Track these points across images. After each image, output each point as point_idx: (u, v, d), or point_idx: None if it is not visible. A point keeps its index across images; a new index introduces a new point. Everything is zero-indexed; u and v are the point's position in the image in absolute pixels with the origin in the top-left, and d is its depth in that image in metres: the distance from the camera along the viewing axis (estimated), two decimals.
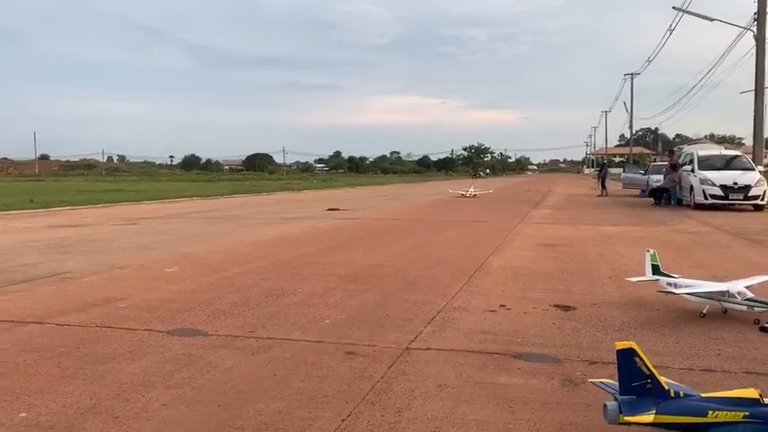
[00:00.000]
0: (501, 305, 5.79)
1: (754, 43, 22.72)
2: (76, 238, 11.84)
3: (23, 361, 4.15)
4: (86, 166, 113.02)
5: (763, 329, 4.86)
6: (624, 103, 72.10)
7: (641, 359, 2.73)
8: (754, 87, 22.95)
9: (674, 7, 28.40)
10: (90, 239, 11.54)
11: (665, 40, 58.11)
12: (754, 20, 22.54)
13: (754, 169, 19.98)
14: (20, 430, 3.06)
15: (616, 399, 2.77)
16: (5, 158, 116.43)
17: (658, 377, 2.75)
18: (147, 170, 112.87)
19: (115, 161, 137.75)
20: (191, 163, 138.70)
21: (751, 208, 18.98)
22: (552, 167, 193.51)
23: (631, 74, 68.35)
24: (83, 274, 7.59)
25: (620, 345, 2.77)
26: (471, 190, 28.46)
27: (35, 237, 12.03)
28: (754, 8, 22.45)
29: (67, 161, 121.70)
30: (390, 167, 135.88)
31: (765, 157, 26.92)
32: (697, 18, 26.35)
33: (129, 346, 4.50)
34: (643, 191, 28.10)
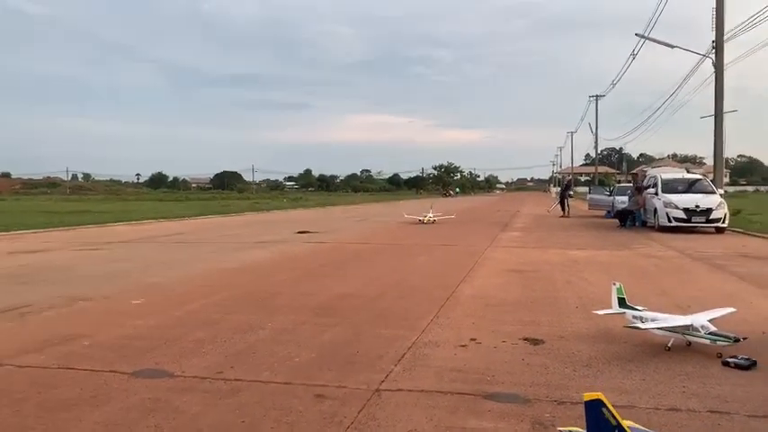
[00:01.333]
0: (471, 339, 5.81)
1: (713, 70, 23.43)
2: (38, 265, 11.56)
3: None
4: (50, 185, 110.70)
5: (725, 364, 4.96)
6: (589, 124, 73.58)
7: (609, 410, 2.75)
8: (714, 112, 23.62)
9: (636, 34, 29.23)
10: (52, 267, 11.28)
11: (628, 64, 59.71)
12: (713, 48, 23.28)
13: (715, 192, 20.52)
14: None
15: None
16: None
17: (625, 427, 2.78)
18: (113, 189, 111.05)
19: (80, 179, 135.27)
20: (158, 181, 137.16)
21: (713, 230, 19.44)
22: (520, 186, 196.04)
23: (596, 96, 69.89)
24: (43, 308, 7.39)
25: (588, 396, 2.80)
26: (430, 215, 24.22)
27: None
28: (713, 36, 23.19)
29: (30, 179, 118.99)
30: (361, 186, 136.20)
31: (725, 176, 27.67)
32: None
33: (92, 390, 4.38)
34: (608, 212, 28.61)
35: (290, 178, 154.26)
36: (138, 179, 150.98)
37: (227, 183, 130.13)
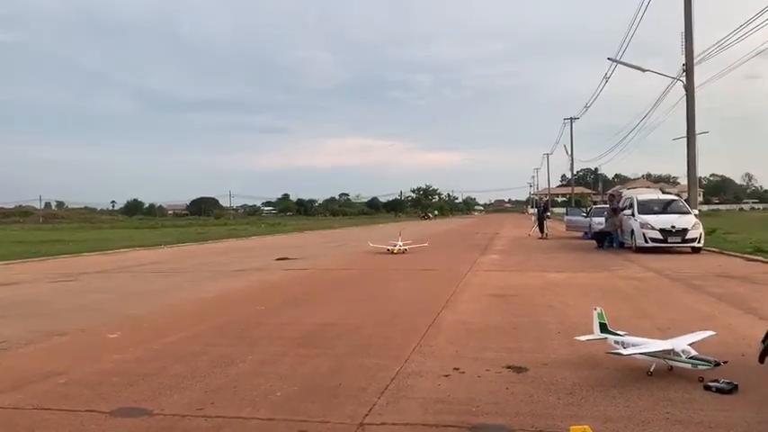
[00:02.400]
0: (455, 368, 5.78)
1: (684, 93, 23.96)
2: (11, 298, 11.31)
3: None
4: (22, 213, 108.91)
5: (707, 388, 4.99)
6: (564, 146, 74.71)
7: None
8: (686, 134, 24.11)
9: (608, 58, 29.85)
10: (26, 300, 11.04)
11: (601, 87, 60.83)
12: (683, 71, 23.84)
13: (689, 212, 20.86)
14: None
15: None
16: None
17: None
18: (88, 217, 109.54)
19: (53, 207, 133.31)
20: (133, 208, 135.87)
21: (689, 250, 19.72)
22: (498, 207, 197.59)
23: (571, 118, 71.03)
24: (18, 344, 7.22)
25: (575, 429, 2.79)
26: (399, 244, 21.37)
27: None
28: (683, 60, 23.76)
29: (1, 208, 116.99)
30: (339, 209, 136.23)
31: (699, 195, 28.13)
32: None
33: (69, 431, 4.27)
34: (586, 233, 28.91)
35: (267, 203, 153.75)
36: (113, 206, 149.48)
37: (203, 209, 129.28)
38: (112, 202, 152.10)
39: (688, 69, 23.55)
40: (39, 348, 7.04)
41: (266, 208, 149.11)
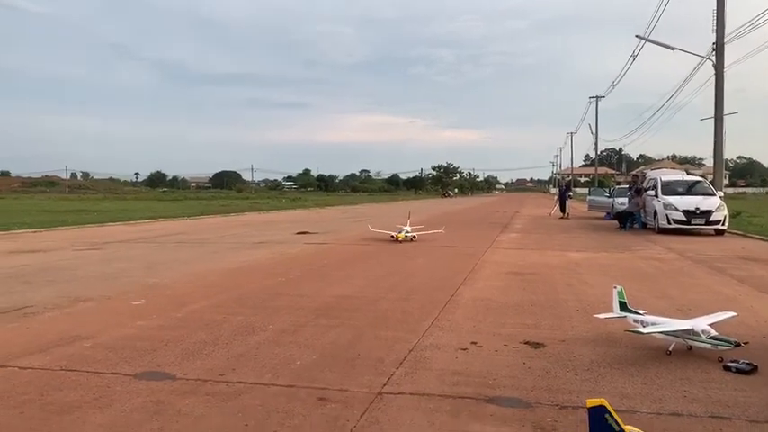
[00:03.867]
0: (472, 342, 5.82)
1: (714, 72, 23.45)
2: (39, 265, 11.56)
3: None
4: (49, 183, 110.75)
5: (726, 368, 4.97)
6: (589, 125, 73.77)
7: (612, 416, 2.76)
8: (714, 114, 23.65)
9: (636, 35, 29.24)
10: (53, 267, 11.28)
11: (628, 65, 59.68)
12: (713, 50, 23.30)
13: (714, 195, 20.56)
14: None
15: None
16: None
17: None
18: (112, 188, 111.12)
19: (79, 178, 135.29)
20: (157, 180, 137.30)
21: (712, 232, 19.47)
22: (519, 187, 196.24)
23: (596, 97, 69.99)
24: (46, 308, 7.41)
25: (591, 402, 2.81)
26: (406, 230, 17.18)
27: None
28: (713, 38, 23.22)
29: (29, 178, 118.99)
30: (360, 186, 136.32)
31: (725, 178, 27.70)
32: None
33: (95, 392, 4.39)
34: (608, 213, 28.65)
35: (288, 178, 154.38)
36: (137, 178, 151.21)
37: (226, 182, 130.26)
38: (136, 173, 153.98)
39: (718, 48, 23.02)
40: (65, 313, 7.21)
41: (287, 183, 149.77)
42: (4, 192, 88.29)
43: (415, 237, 17.03)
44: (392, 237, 16.89)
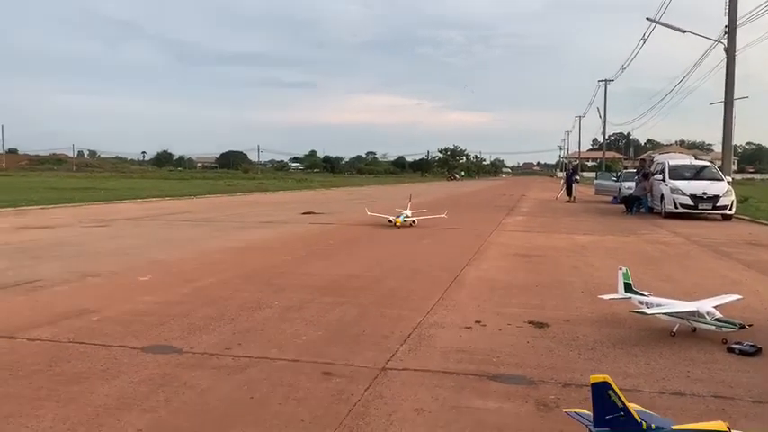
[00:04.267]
0: (476, 321, 5.85)
1: (725, 56, 23.20)
2: (47, 241, 11.64)
3: None
4: (56, 161, 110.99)
5: (730, 350, 4.98)
6: (597, 108, 73.27)
7: (615, 392, 2.78)
8: (723, 99, 23.44)
9: (647, 18, 28.91)
10: (61, 243, 11.35)
11: (638, 48, 59.08)
12: (725, 33, 23.03)
13: (722, 180, 20.45)
14: None
15: (590, 430, 2.83)
16: None
17: (631, 410, 2.81)
18: (119, 166, 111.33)
19: (86, 156, 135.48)
20: (163, 159, 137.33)
21: (719, 217, 19.40)
22: (526, 171, 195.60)
23: (605, 80, 69.39)
24: (54, 283, 7.47)
25: (595, 378, 2.82)
26: (406, 213, 16.00)
27: (4, 239, 11.79)
28: (725, 21, 22.93)
29: (36, 155, 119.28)
30: (366, 168, 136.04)
31: (733, 163, 27.54)
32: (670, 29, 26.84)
33: (102, 364, 4.44)
34: (615, 197, 28.56)
35: (295, 159, 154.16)
36: (143, 157, 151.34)
37: (232, 162, 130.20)
38: (143, 152, 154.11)
39: (730, 31, 22.75)
40: (73, 287, 7.27)
41: (293, 164, 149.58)
42: (12, 169, 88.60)
43: (415, 222, 15.75)
44: (390, 221, 15.47)
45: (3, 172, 76.42)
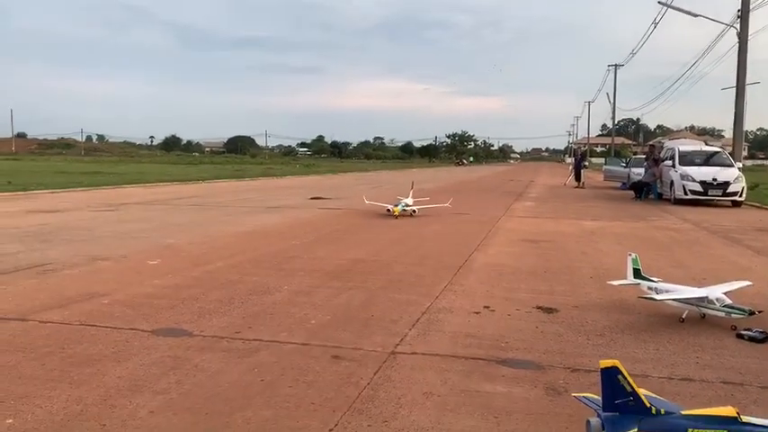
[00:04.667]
0: (485, 306, 5.85)
1: (737, 41, 22.92)
2: (57, 224, 11.71)
3: (7, 362, 4.12)
4: (65, 146, 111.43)
5: (739, 336, 4.97)
6: (607, 94, 72.64)
7: (624, 377, 2.78)
8: (735, 84, 23.19)
9: (659, 2, 28.55)
10: (70, 227, 11.42)
11: (649, 32, 58.48)
12: (738, 17, 22.74)
13: (733, 166, 20.31)
14: None
15: (598, 414, 2.83)
16: None
17: (640, 394, 2.81)
18: (127, 151, 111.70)
19: (94, 141, 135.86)
20: (171, 144, 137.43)
21: (729, 204, 19.28)
22: (535, 156, 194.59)
23: (615, 65, 68.76)
24: (64, 266, 7.52)
25: (604, 363, 2.82)
26: (406, 202, 14.90)
27: (14, 223, 11.87)
28: (739, 5, 22.63)
29: (45, 140, 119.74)
30: (373, 153, 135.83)
31: (744, 149, 27.30)
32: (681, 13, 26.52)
33: (114, 346, 4.48)
34: (624, 183, 28.41)
35: (302, 144, 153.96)
36: (151, 142, 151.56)
37: (240, 147, 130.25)
38: (151, 137, 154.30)
39: (743, 15, 22.45)
40: (83, 271, 7.32)
41: (301, 149, 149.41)
42: (21, 153, 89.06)
43: (415, 211, 14.50)
44: (388, 210, 14.25)
45: (12, 156, 76.78)
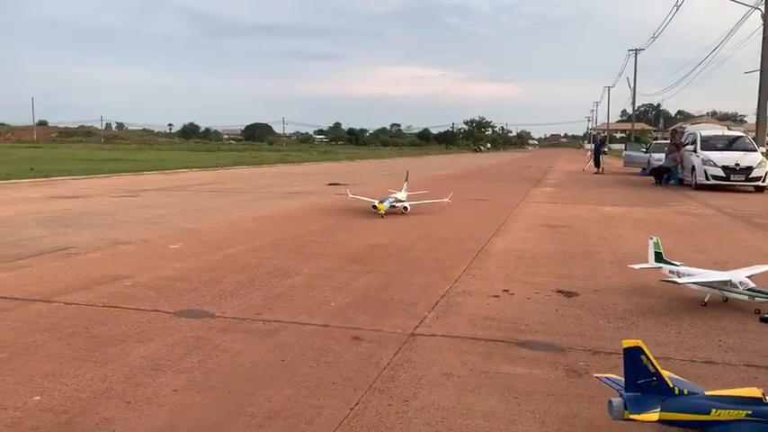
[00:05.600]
0: (504, 290, 5.84)
1: (762, 22, 22.47)
2: (79, 210, 11.86)
3: (34, 341, 4.20)
4: (85, 133, 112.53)
5: (763, 320, 4.92)
6: (627, 78, 71.84)
7: (647, 357, 2.76)
8: (759, 67, 22.77)
9: None
10: (92, 212, 11.56)
11: (671, 16, 57.49)
12: None
13: (756, 150, 19.98)
14: (34, 414, 3.11)
15: (621, 395, 2.82)
16: (3, 124, 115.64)
17: (663, 375, 2.80)
18: (146, 138, 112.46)
19: (114, 128, 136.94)
20: (190, 132, 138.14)
21: (752, 189, 19.00)
22: (553, 142, 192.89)
23: (635, 50, 67.78)
24: (87, 250, 7.62)
25: (627, 343, 2.81)
26: (396, 196, 12.46)
27: (38, 208, 12.04)
28: None
29: (66, 128, 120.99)
30: (390, 140, 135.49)
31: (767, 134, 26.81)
32: None
33: (137, 327, 4.55)
34: (644, 169, 28.10)
35: (319, 131, 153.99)
36: (170, 129, 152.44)
37: (257, 134, 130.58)
38: (170, 125, 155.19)
39: None
40: (106, 255, 7.42)
41: (318, 136, 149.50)
42: (43, 141, 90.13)
43: (407, 208, 11.96)
44: (374, 207, 11.58)
45: (34, 144, 77.74)
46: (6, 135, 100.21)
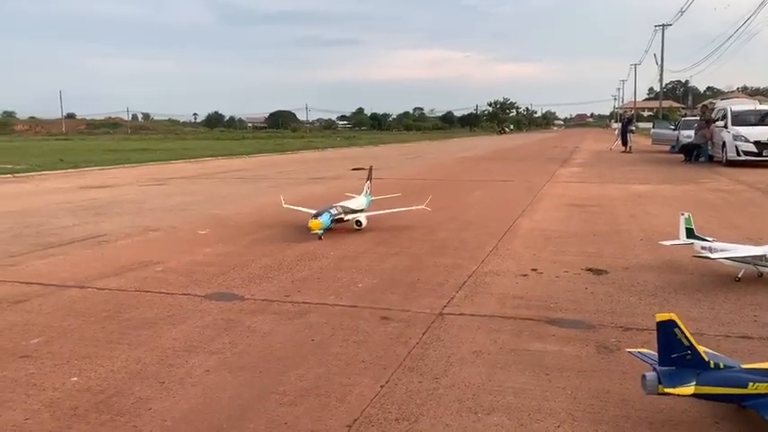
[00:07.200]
0: (532, 269, 5.80)
1: None
2: (108, 199, 12.04)
3: (69, 325, 4.29)
4: (112, 125, 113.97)
5: None
6: (654, 55, 70.11)
7: (681, 330, 2.72)
8: None
9: None
10: (122, 200, 11.73)
11: None
12: None
13: None
14: (72, 395, 3.18)
15: (654, 369, 2.78)
16: (33, 117, 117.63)
17: (698, 348, 2.75)
18: (172, 128, 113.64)
19: (140, 119, 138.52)
20: (214, 121, 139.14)
21: None
22: (579, 122, 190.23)
23: (662, 25, 66.22)
24: (118, 237, 7.75)
25: (661, 316, 2.76)
26: (347, 205, 8.57)
27: (68, 198, 12.26)
28: None
29: (93, 120, 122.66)
30: (413, 124, 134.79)
31: None
32: None
33: (168, 310, 4.61)
34: (673, 146, 27.55)
35: (342, 117, 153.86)
36: (195, 119, 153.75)
37: (281, 122, 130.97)
38: (194, 114, 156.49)
39: None
40: (136, 241, 7.53)
41: (341, 122, 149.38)
42: (71, 133, 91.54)
43: (360, 223, 8.07)
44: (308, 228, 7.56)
45: (63, 136, 79.01)
46: (36, 128, 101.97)
